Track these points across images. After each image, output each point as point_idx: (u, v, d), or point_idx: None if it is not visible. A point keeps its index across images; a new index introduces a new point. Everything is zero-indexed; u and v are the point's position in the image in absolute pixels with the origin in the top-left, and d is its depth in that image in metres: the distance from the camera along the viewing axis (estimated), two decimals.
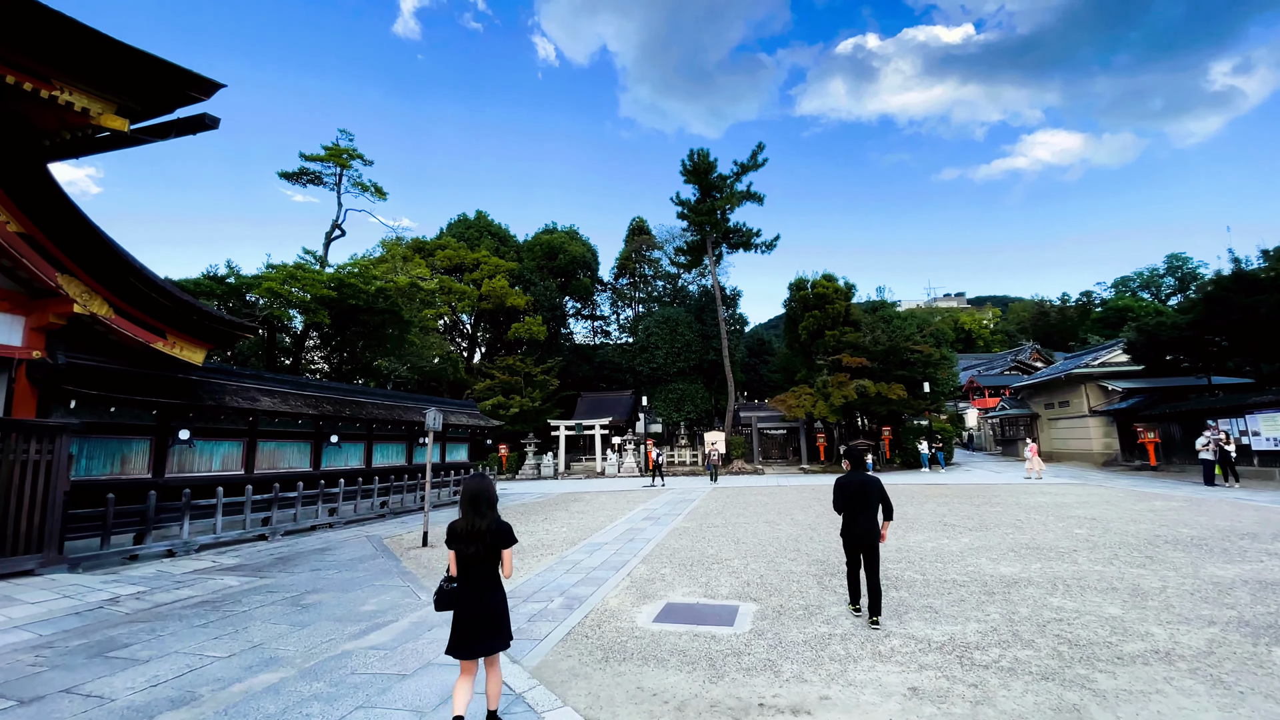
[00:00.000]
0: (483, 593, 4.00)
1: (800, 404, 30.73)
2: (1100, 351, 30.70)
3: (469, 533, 4.00)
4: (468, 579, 4.02)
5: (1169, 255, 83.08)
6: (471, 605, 3.97)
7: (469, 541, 3.99)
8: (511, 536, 4.13)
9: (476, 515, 4.03)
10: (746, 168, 34.62)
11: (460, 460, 23.73)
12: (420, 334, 26.61)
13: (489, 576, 4.06)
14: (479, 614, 3.95)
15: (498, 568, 4.10)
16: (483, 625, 3.94)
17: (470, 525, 4.01)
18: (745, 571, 9.05)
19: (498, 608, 4.04)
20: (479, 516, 4.03)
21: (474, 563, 4.00)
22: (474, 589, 4.00)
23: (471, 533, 3.99)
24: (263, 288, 18.43)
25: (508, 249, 46.72)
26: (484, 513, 4.05)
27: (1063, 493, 18.13)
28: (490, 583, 4.06)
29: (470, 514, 4.05)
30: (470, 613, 3.95)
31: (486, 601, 3.99)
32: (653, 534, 12.87)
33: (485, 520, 4.02)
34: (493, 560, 4.04)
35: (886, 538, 6.70)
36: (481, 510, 4.05)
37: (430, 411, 13.07)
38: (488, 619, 3.96)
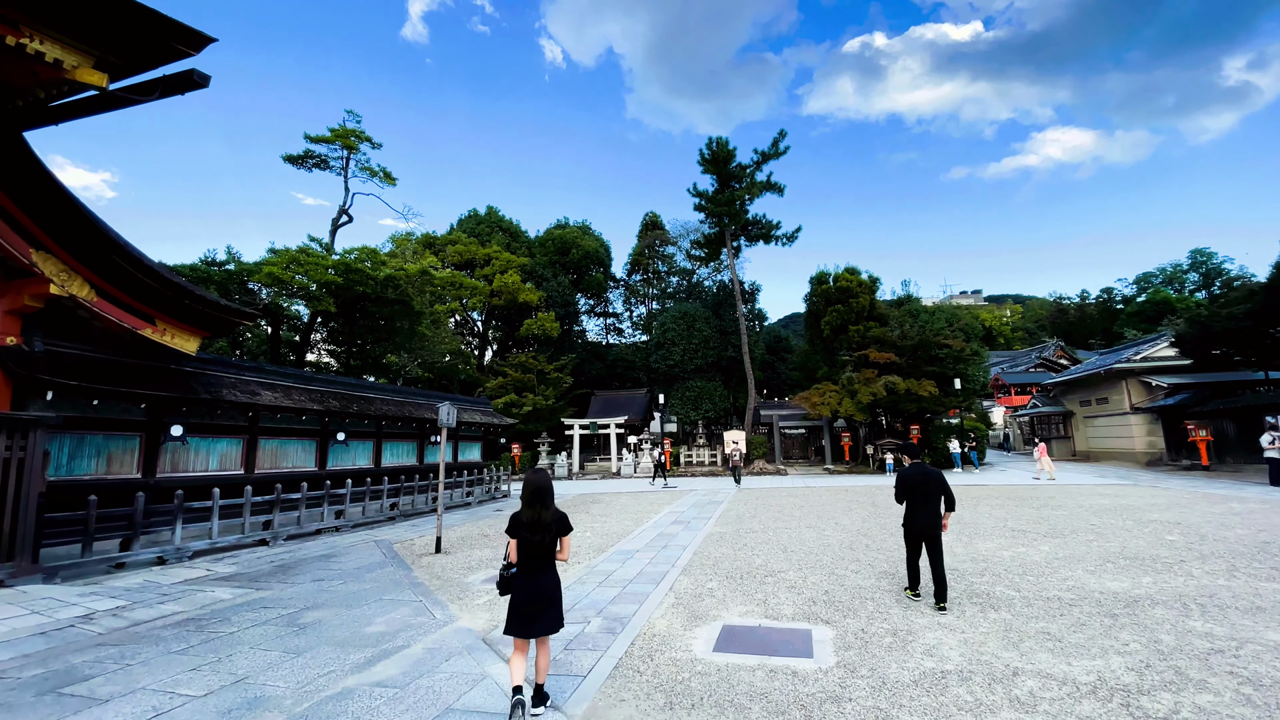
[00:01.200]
0: (540, 578, 4.31)
1: (825, 402, 29.44)
2: (1142, 345, 29.20)
3: (532, 523, 4.31)
4: (527, 565, 4.34)
5: (1193, 250, 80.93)
6: (530, 590, 4.28)
7: (533, 530, 4.29)
8: (569, 525, 4.49)
9: (540, 507, 4.35)
10: (767, 156, 33.39)
11: (473, 460, 22.69)
12: (431, 327, 25.55)
13: (547, 563, 4.37)
14: (537, 598, 4.25)
15: (555, 555, 4.43)
16: (540, 609, 4.23)
17: (534, 516, 4.32)
18: (805, 586, 7.88)
19: (553, 593, 4.33)
20: (542, 508, 4.35)
21: (535, 550, 4.31)
22: (533, 575, 4.31)
23: (535, 523, 4.30)
24: (264, 273, 17.40)
25: (519, 245, 45.73)
26: (546, 504, 4.37)
27: (1121, 494, 16.79)
28: (548, 569, 4.37)
29: (534, 505, 4.35)
30: (529, 597, 4.26)
31: (544, 587, 4.29)
32: (686, 540, 11.72)
33: (547, 512, 4.35)
34: (551, 548, 4.37)
35: (948, 526, 6.97)
36: (544, 502, 4.37)
37: (444, 406, 12.00)
38: (545, 603, 4.25)
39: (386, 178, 24.49)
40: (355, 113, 23.63)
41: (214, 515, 11.60)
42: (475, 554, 11.13)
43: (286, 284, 17.54)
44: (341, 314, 20.31)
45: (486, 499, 21.78)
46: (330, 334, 23.98)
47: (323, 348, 26.07)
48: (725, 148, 33.26)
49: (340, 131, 23.53)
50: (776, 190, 34.67)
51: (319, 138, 23.69)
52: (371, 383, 17.82)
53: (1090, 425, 31.83)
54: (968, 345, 30.21)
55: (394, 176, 24.52)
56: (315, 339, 24.37)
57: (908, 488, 6.93)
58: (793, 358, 44.65)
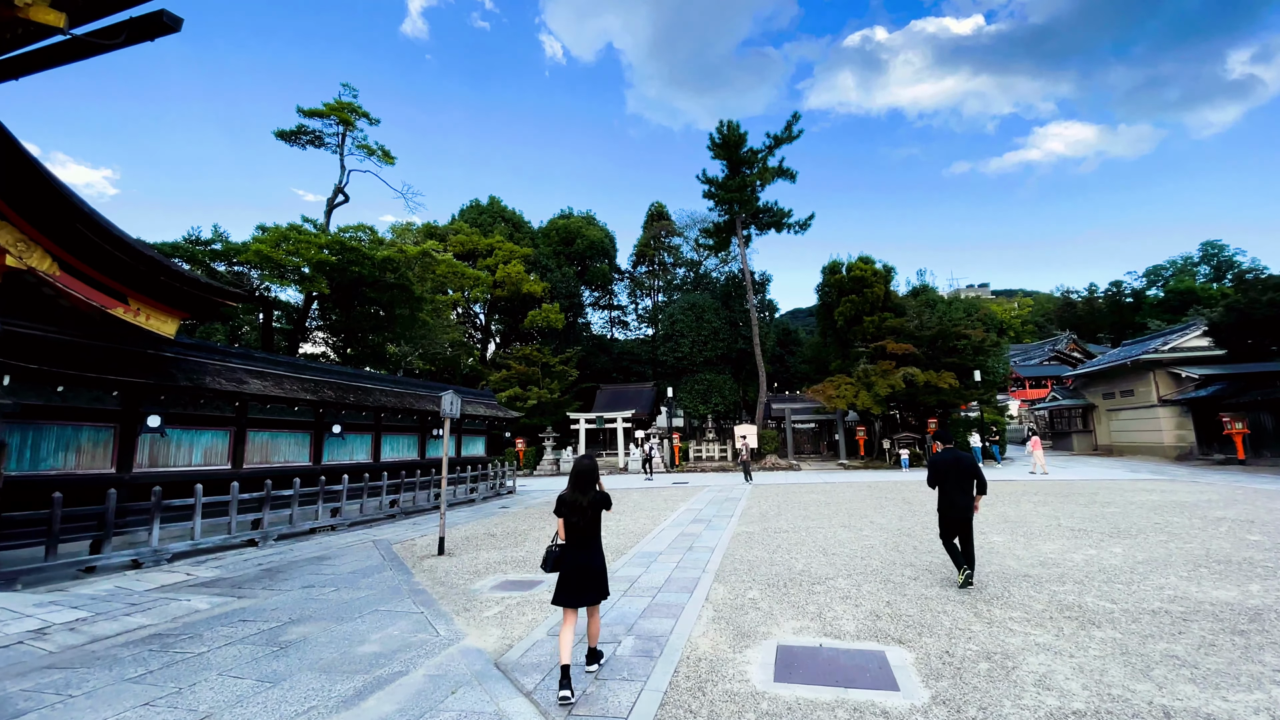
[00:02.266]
0: (586, 554, 4.67)
1: (841, 394, 28.44)
2: (1171, 335, 28.11)
3: (575, 504, 4.68)
4: (574, 542, 4.69)
5: (1204, 243, 79.70)
6: (577, 565, 4.61)
7: (575, 512, 4.67)
8: (608, 502, 4.88)
9: (584, 489, 4.72)
10: (780, 140, 32.25)
11: (477, 454, 21.73)
12: (433, 314, 24.46)
13: (593, 540, 4.72)
14: (583, 572, 4.59)
15: (599, 533, 4.78)
16: (588, 582, 4.58)
17: (577, 498, 4.70)
18: (861, 596, 6.88)
19: (598, 567, 4.68)
20: (584, 491, 4.72)
21: (580, 529, 4.68)
22: (579, 551, 4.66)
23: (577, 505, 4.67)
24: (251, 251, 16.29)
25: (522, 235, 44.64)
26: (588, 488, 4.74)
27: (1167, 490, 15.77)
28: (594, 545, 4.72)
29: (579, 488, 4.73)
30: (576, 571, 4.59)
31: (589, 561, 4.65)
32: (711, 540, 10.74)
33: (589, 495, 4.71)
34: (596, 526, 4.73)
35: (979, 509, 7.19)
36: (586, 486, 4.74)
37: (447, 395, 11.01)
38: (591, 576, 4.61)
39: (385, 156, 23.16)
40: (351, 86, 22.40)
41: (196, 514, 10.65)
42: (482, 556, 10.15)
43: (276, 263, 16.32)
44: (338, 301, 19.23)
45: (491, 495, 20.83)
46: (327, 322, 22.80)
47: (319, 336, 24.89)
48: (736, 131, 32.13)
49: (336, 105, 22.22)
50: (789, 176, 33.56)
51: (313, 111, 22.29)
52: (370, 372, 16.81)
53: (1114, 418, 30.78)
54: (988, 335, 29.15)
55: (393, 155, 23.16)
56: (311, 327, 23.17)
57: (940, 473, 7.08)
58: (802, 350, 43.59)
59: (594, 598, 4.66)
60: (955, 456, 7.10)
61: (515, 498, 20.69)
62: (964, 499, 6.89)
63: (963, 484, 6.92)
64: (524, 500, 19.63)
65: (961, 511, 6.87)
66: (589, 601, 4.65)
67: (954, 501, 6.92)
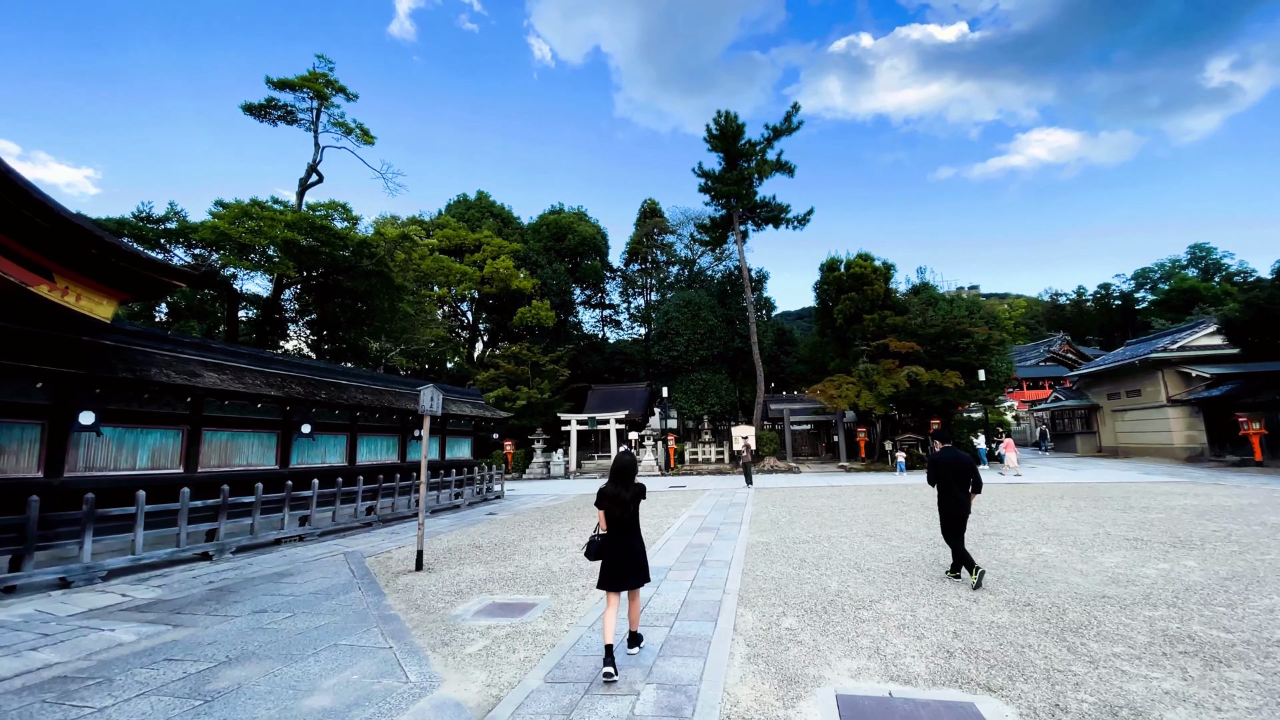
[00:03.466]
0: (627, 542, 4.98)
1: (842, 394, 27.43)
2: (1179, 334, 27.43)
3: (617, 497, 5.01)
4: (615, 531, 5.00)
5: (1192, 245, 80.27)
6: (619, 552, 4.93)
7: (617, 504, 5.00)
8: (644, 493, 5.22)
9: (623, 484, 5.08)
10: (779, 131, 31.22)
11: (463, 457, 20.43)
12: (415, 306, 23.00)
13: (632, 530, 5.05)
14: (625, 559, 4.91)
15: (637, 522, 5.12)
16: (628, 568, 4.91)
17: (619, 491, 5.04)
18: (919, 623, 5.76)
19: (638, 554, 5.01)
20: (625, 485, 5.07)
21: (621, 519, 5.01)
22: (620, 540, 4.98)
23: (619, 498, 5.01)
24: (206, 228, 14.76)
25: (511, 231, 43.31)
26: (627, 482, 5.10)
27: (1202, 493, 14.83)
28: (633, 534, 5.05)
29: (619, 482, 5.09)
30: (619, 558, 4.91)
31: (630, 550, 4.97)
32: (724, 552, 9.60)
33: (628, 488, 5.06)
34: (635, 516, 5.09)
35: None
36: (626, 480, 5.10)
37: (427, 390, 9.79)
38: (632, 563, 4.94)
39: (364, 136, 21.49)
40: (327, 58, 20.74)
41: (138, 524, 9.34)
42: (465, 572, 8.92)
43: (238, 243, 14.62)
44: (312, 290, 17.78)
45: (477, 501, 19.54)
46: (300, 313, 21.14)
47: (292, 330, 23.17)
48: (734, 123, 31.07)
49: (309, 77, 20.41)
50: (787, 171, 32.56)
51: (283, 82, 20.37)
52: (345, 368, 15.40)
53: (1119, 419, 30.06)
54: (994, 333, 28.30)
55: (373, 135, 21.49)
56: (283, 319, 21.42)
57: (940, 472, 7.23)
58: (798, 350, 42.67)
59: (635, 582, 4.95)
60: (955, 456, 7.27)
61: (503, 503, 19.42)
62: (964, 497, 7.04)
63: (961, 483, 7.07)
64: (512, 506, 18.38)
65: (958, 509, 7.03)
66: (630, 585, 4.93)
67: (955, 499, 7.07)
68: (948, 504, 7.13)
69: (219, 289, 17.95)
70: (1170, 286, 59.18)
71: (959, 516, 7.05)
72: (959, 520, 7.07)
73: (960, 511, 7.04)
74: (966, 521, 7.14)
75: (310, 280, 18.33)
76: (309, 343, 21.87)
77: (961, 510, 7.03)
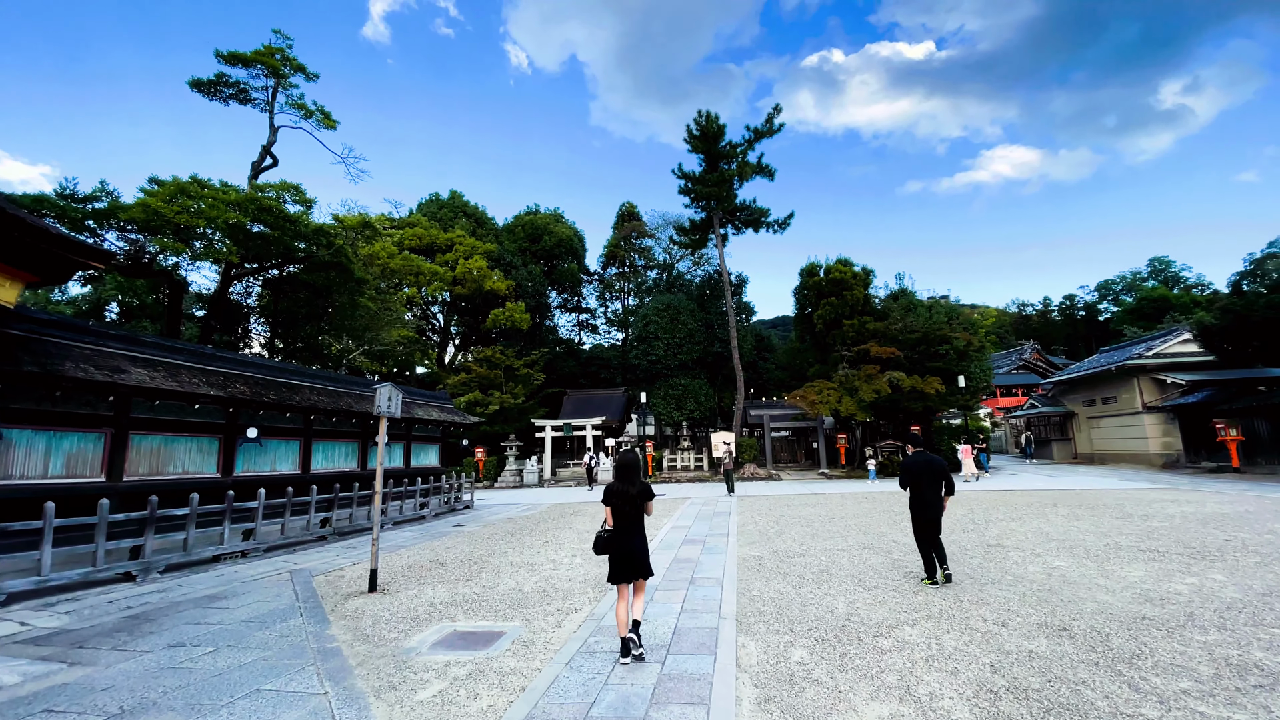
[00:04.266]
0: (632, 538, 5.21)
1: (823, 400, 26.92)
2: (1154, 341, 27.63)
3: (624, 494, 5.22)
4: (621, 528, 5.23)
5: (1152, 258, 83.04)
6: (624, 547, 5.17)
7: (624, 500, 5.21)
8: (651, 493, 5.40)
9: (629, 481, 5.28)
10: (760, 133, 30.80)
11: (430, 465, 19.25)
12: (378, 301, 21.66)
13: (637, 526, 5.27)
14: (631, 554, 5.16)
15: (642, 518, 5.33)
16: (633, 561, 5.16)
17: (624, 489, 5.24)
18: (949, 654, 4.99)
19: (642, 549, 5.23)
20: (631, 483, 5.27)
21: (627, 516, 5.23)
22: (626, 535, 5.21)
23: (626, 494, 5.22)
24: (137, 206, 13.30)
25: (485, 231, 42.13)
26: (633, 480, 5.30)
27: (1193, 500, 14.53)
28: (638, 531, 5.27)
29: (624, 480, 5.31)
30: (625, 553, 5.16)
31: (634, 545, 5.20)
32: (714, 568, 8.76)
33: (634, 486, 5.26)
34: (640, 513, 5.29)
35: (946, 509, 7.34)
36: (632, 478, 5.31)
37: (383, 390, 8.77)
38: (637, 557, 5.17)
39: (326, 119, 19.85)
40: (285, 34, 18.98)
41: (45, 540, 8.11)
42: (425, 594, 7.92)
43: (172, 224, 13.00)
44: (268, 285, 16.42)
45: (445, 511, 18.39)
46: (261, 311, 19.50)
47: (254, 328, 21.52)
48: (715, 123, 30.56)
49: (265, 51, 18.77)
50: (767, 174, 32.17)
51: (235, 56, 18.40)
52: (299, 367, 14.12)
53: (1095, 426, 30.18)
54: (974, 339, 28.18)
55: (335, 120, 20.11)
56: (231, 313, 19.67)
57: (913, 475, 7.32)
58: (776, 356, 42.32)
59: (640, 575, 5.19)
60: (927, 459, 7.35)
61: (472, 514, 18.31)
62: (935, 500, 7.15)
63: (934, 486, 7.17)
64: (482, 517, 17.29)
65: (933, 512, 7.15)
66: (636, 578, 5.17)
67: (927, 502, 7.17)
68: (920, 507, 7.25)
69: (157, 278, 16.37)
70: (1140, 295, 60.75)
71: (932, 519, 7.17)
72: (932, 523, 7.18)
73: (933, 514, 7.15)
74: (940, 524, 7.23)
75: (262, 272, 16.92)
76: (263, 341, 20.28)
77: (934, 513, 7.15)
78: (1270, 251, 56.87)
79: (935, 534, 7.24)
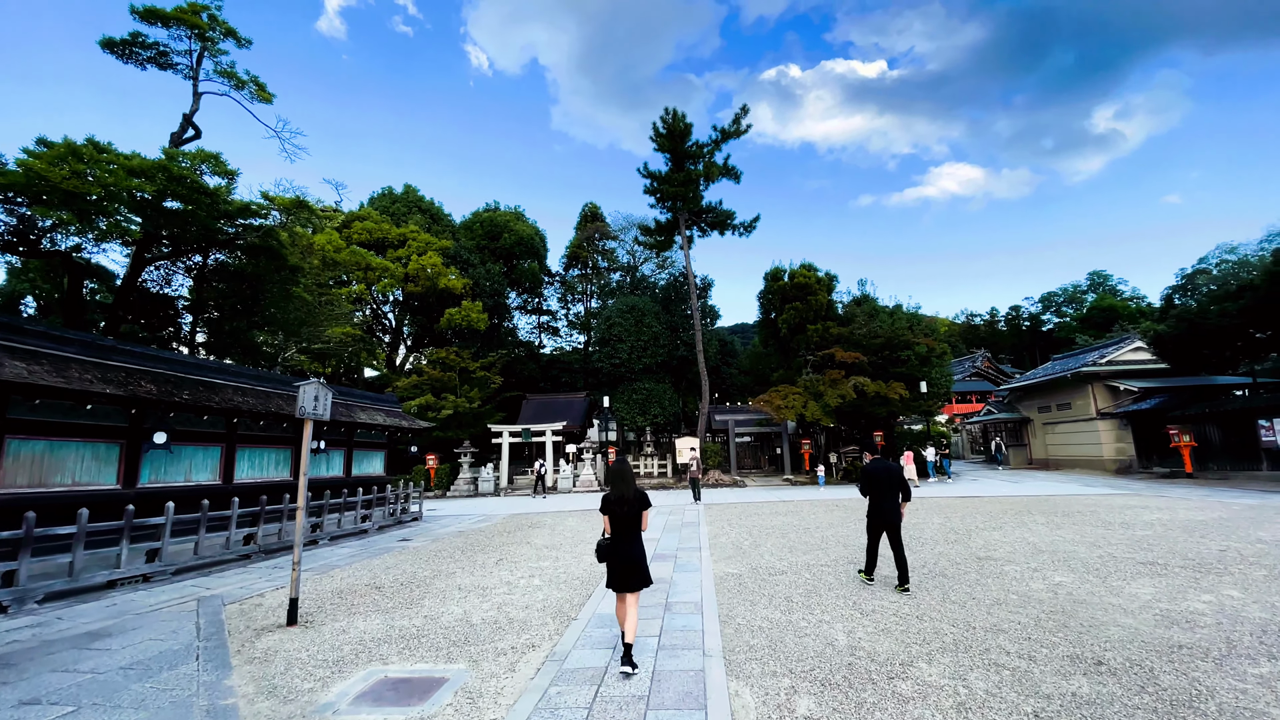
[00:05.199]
0: (629, 545, 5.26)
1: (789, 404, 26.48)
2: (1107, 349, 28.29)
3: (621, 499, 5.29)
4: (618, 535, 5.29)
5: (1091, 272, 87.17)
6: (622, 555, 5.23)
7: (622, 505, 5.27)
8: (648, 501, 5.44)
9: (624, 488, 5.34)
10: (728, 134, 30.30)
11: (374, 474, 17.76)
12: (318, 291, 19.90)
13: (633, 533, 5.32)
14: (629, 562, 5.20)
15: (639, 526, 5.35)
16: (631, 569, 5.19)
17: (620, 495, 5.31)
18: (981, 701, 4.21)
19: (639, 557, 5.26)
20: (626, 491, 5.33)
21: (623, 523, 5.28)
22: (623, 543, 5.27)
23: (623, 499, 5.29)
24: (16, 171, 11.35)
25: (441, 228, 40.36)
26: (628, 487, 5.36)
27: (1162, 506, 14.43)
28: (635, 538, 5.31)
29: (619, 487, 5.36)
30: (622, 560, 5.21)
31: (632, 552, 5.24)
32: (689, 589, 7.86)
33: (629, 491, 5.33)
34: (637, 521, 5.32)
35: (905, 515, 7.51)
36: (626, 485, 5.36)
37: (308, 389, 7.55)
38: (634, 565, 5.20)
39: (260, 92, 17.21)
40: None
41: None
42: (355, 627, 6.73)
43: (60, 192, 10.96)
44: (190, 271, 14.58)
45: (390, 524, 16.95)
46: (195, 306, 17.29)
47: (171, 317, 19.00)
48: (682, 122, 29.91)
49: (189, 10, 16.56)
50: (733, 176, 31.70)
51: (153, 11, 16.13)
52: (221, 364, 12.44)
53: (1050, 432, 30.72)
54: (938, 344, 28.27)
55: (270, 93, 18.14)
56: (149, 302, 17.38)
57: (872, 481, 7.43)
58: (739, 361, 41.95)
59: (637, 584, 5.19)
60: (885, 465, 7.47)
61: (421, 526, 16.93)
62: (892, 505, 7.27)
63: (892, 491, 7.31)
64: (431, 530, 15.96)
65: (890, 517, 7.26)
66: (633, 587, 5.17)
67: (883, 508, 7.30)
68: (876, 513, 7.37)
69: (50, 259, 14.29)
70: (1089, 305, 63.62)
71: (891, 525, 7.28)
72: (890, 528, 7.30)
73: (889, 520, 7.28)
74: (899, 530, 7.33)
75: (181, 256, 15.05)
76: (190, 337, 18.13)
77: (891, 518, 7.27)
78: (1200, 267, 60.13)
79: (898, 541, 7.29)
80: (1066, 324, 78.32)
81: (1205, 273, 58.24)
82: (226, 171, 14.12)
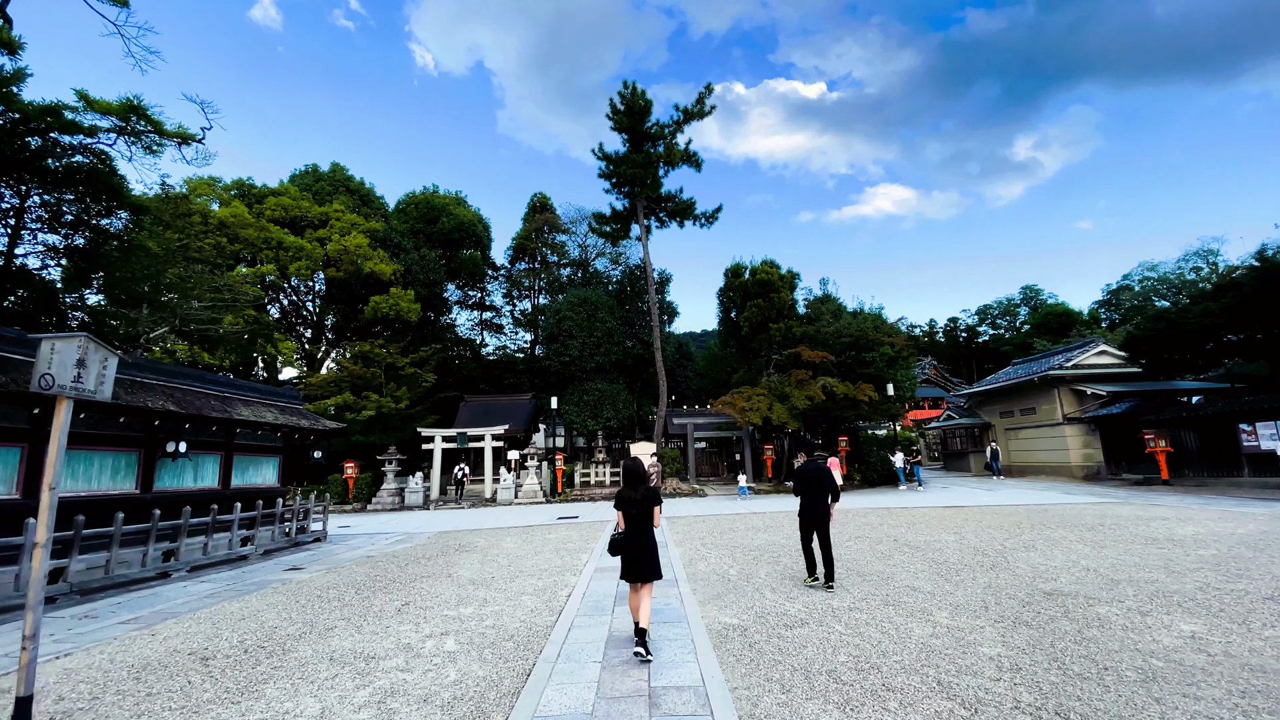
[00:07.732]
0: (641, 540, 5.47)
1: (753, 407, 24.43)
2: (1072, 352, 27.64)
3: (632, 499, 5.56)
4: (631, 531, 5.53)
5: (1024, 286, 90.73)
6: (636, 549, 5.44)
7: (633, 505, 5.54)
8: (659, 499, 5.66)
9: (635, 486, 5.60)
10: (690, 115, 28.16)
11: (263, 485, 14.39)
12: (182, 252, 16.13)
13: (646, 529, 5.53)
14: (641, 555, 5.42)
15: (651, 522, 5.55)
16: (643, 562, 5.41)
17: (632, 494, 5.57)
18: None
19: (651, 550, 5.45)
20: (636, 488, 5.59)
21: (636, 519, 5.53)
22: (636, 538, 5.48)
23: (634, 499, 5.55)
24: None
25: (372, 211, 36.55)
26: (638, 485, 5.61)
27: (1154, 517, 12.92)
28: (647, 533, 5.52)
29: (631, 485, 5.62)
30: (635, 554, 5.42)
31: (644, 548, 5.44)
32: (681, 664, 5.34)
33: (640, 490, 5.59)
34: (649, 516, 5.53)
35: (834, 516, 7.64)
36: (637, 483, 5.61)
37: (64, 346, 4.62)
38: (646, 558, 5.41)
39: None
40: None
41: None
42: None
43: None
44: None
45: (283, 546, 13.67)
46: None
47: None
48: (642, 98, 27.55)
49: None
50: (695, 164, 29.66)
51: None
52: (19, 334, 8.82)
53: (1014, 437, 29.92)
54: (906, 344, 26.93)
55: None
56: None
57: (804, 482, 7.67)
58: (695, 364, 39.94)
59: (648, 576, 5.40)
60: (816, 467, 7.69)
61: (321, 550, 13.72)
62: (821, 505, 7.49)
63: (820, 491, 7.53)
64: (332, 554, 12.82)
65: (819, 516, 7.49)
66: (646, 579, 5.39)
67: (813, 508, 7.52)
68: (808, 513, 7.57)
69: None
70: (1045, 310, 65.83)
71: (818, 523, 7.51)
72: (819, 527, 7.53)
73: (819, 519, 7.48)
74: (828, 529, 7.56)
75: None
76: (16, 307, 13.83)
77: (820, 518, 7.47)
78: (1124, 284, 62.72)
79: (826, 540, 7.56)
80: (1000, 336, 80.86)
81: (1128, 289, 60.58)
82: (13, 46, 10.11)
